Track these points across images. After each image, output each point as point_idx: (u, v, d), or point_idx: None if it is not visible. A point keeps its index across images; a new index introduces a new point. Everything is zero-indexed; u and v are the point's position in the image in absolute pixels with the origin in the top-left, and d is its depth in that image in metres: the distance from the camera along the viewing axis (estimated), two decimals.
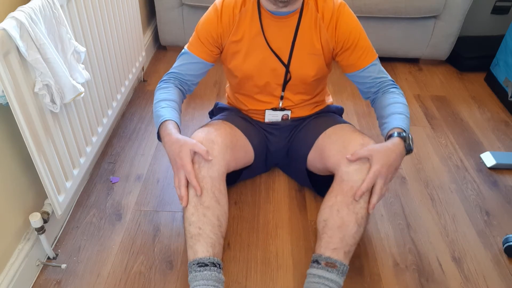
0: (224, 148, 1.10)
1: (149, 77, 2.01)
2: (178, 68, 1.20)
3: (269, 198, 1.38)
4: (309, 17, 1.11)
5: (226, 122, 1.22)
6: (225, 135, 1.13)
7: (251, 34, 1.13)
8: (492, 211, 1.37)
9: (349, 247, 1.01)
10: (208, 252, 0.99)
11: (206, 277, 0.96)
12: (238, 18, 1.12)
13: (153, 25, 2.24)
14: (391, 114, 1.09)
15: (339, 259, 0.99)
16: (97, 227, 1.26)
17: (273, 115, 1.29)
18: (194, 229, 1.01)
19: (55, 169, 1.05)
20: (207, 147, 1.06)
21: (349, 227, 1.00)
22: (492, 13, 2.32)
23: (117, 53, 1.48)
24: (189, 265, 0.99)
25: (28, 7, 0.87)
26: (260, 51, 1.15)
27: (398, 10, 1.95)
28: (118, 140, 1.60)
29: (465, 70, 2.20)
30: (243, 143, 1.23)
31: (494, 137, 1.72)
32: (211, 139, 1.08)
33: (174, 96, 1.14)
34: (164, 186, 1.40)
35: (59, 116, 1.06)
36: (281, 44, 1.14)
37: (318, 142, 1.22)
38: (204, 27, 1.16)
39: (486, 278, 1.16)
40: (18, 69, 0.86)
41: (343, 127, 1.20)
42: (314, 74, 1.18)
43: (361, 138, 1.10)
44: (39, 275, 1.12)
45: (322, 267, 0.99)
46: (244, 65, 1.17)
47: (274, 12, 1.10)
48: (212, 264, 0.97)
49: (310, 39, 1.13)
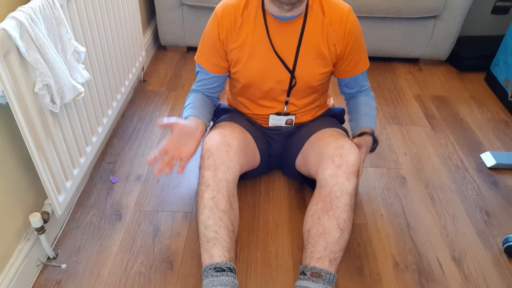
0: (239, 152, 1.10)
1: (149, 77, 2.01)
2: (197, 85, 1.25)
3: (269, 198, 1.38)
4: (314, 21, 1.10)
5: (237, 125, 1.21)
6: (239, 138, 1.13)
7: (254, 38, 1.12)
8: (492, 211, 1.37)
9: (334, 254, 0.98)
10: (225, 257, 0.97)
11: (223, 283, 0.94)
12: (240, 22, 1.11)
13: (153, 25, 2.24)
14: (365, 115, 1.25)
15: (324, 268, 0.96)
16: (97, 227, 1.26)
17: (277, 120, 1.28)
18: (210, 232, 0.99)
19: (55, 169, 1.05)
20: (223, 150, 1.07)
21: (332, 233, 0.99)
22: (492, 13, 2.32)
23: (117, 53, 1.48)
24: (205, 270, 0.97)
25: (28, 7, 0.87)
26: (264, 57, 1.13)
27: (398, 10, 1.95)
28: (118, 140, 1.60)
29: (465, 70, 2.20)
30: (253, 146, 1.23)
31: (494, 137, 1.72)
32: (227, 142, 1.09)
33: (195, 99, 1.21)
34: (164, 186, 1.40)
35: (59, 116, 1.06)
36: (286, 49, 1.13)
37: (303, 149, 1.23)
38: (207, 36, 1.16)
39: (486, 278, 1.16)
40: (18, 69, 0.86)
41: (325, 132, 1.20)
42: (320, 79, 1.18)
43: (335, 141, 1.10)
44: (39, 275, 1.12)
45: (307, 278, 0.97)
46: (247, 71, 1.16)
47: (278, 17, 1.09)
48: (229, 269, 0.96)
49: (316, 43, 1.12)
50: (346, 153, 1.06)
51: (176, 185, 1.41)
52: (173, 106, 1.80)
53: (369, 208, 1.36)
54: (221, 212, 1.01)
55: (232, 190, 1.05)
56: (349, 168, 1.04)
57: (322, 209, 1.02)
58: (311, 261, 0.98)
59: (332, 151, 1.07)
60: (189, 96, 1.24)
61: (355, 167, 1.05)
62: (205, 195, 1.03)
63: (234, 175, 1.07)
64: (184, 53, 2.23)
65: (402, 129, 1.74)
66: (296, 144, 1.26)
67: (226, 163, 1.06)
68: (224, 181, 1.04)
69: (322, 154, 1.09)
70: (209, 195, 1.02)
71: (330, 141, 1.11)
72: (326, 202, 1.02)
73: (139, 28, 1.72)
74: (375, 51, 2.14)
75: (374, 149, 1.25)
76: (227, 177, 1.04)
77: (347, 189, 1.02)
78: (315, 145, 1.17)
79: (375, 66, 2.21)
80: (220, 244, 0.98)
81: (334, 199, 1.02)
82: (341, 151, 1.06)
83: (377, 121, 1.78)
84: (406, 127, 1.76)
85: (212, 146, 1.07)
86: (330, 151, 1.08)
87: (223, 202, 1.02)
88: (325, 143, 1.12)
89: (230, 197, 1.04)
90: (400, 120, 1.79)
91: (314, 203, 1.05)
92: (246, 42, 1.12)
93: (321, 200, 1.03)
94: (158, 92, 1.90)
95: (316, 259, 0.98)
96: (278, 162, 1.41)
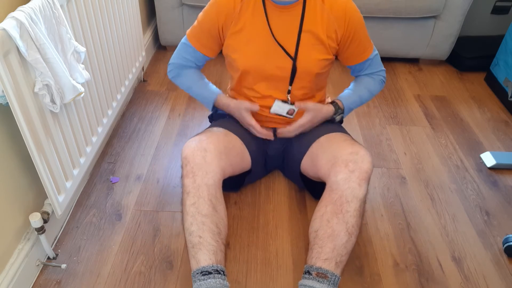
0: (218, 155, 1.10)
1: (149, 77, 2.01)
2: (178, 59, 1.28)
3: (269, 198, 1.38)
4: (313, 6, 1.10)
5: (220, 129, 1.22)
6: (218, 142, 1.13)
7: (254, 23, 1.12)
8: (492, 211, 1.37)
9: (341, 257, 0.99)
10: (210, 260, 0.97)
11: (211, 285, 0.94)
12: (239, 8, 1.11)
13: (153, 25, 2.24)
14: (350, 90, 1.28)
15: (330, 269, 0.97)
16: (97, 227, 1.26)
17: (281, 107, 1.26)
18: (194, 238, 1.00)
19: (55, 169, 1.05)
20: (199, 155, 1.07)
21: (340, 236, 1.00)
22: (492, 13, 2.32)
23: (117, 53, 1.48)
24: (193, 275, 0.98)
25: (28, 7, 0.87)
26: (263, 42, 1.13)
27: (398, 10, 1.95)
28: (118, 140, 1.60)
29: (465, 70, 2.20)
30: (239, 149, 1.22)
31: (494, 137, 1.72)
32: (203, 148, 1.09)
33: (197, 75, 1.29)
34: (164, 186, 1.40)
35: (59, 116, 1.06)
36: (285, 34, 1.12)
37: (311, 149, 1.22)
38: (204, 20, 1.16)
39: (486, 278, 1.16)
40: (18, 69, 0.86)
41: (336, 136, 1.19)
42: (320, 66, 1.17)
43: (351, 147, 1.10)
44: (39, 275, 1.12)
45: (313, 277, 0.97)
46: (246, 56, 1.15)
47: (277, 2, 1.09)
48: (216, 272, 0.96)
49: (315, 30, 1.12)
50: (361, 160, 1.06)
51: (176, 185, 1.41)
52: (173, 106, 1.80)
53: (369, 208, 1.36)
54: (204, 217, 1.01)
55: (215, 194, 1.05)
56: (362, 174, 1.04)
57: (332, 211, 1.02)
58: (317, 261, 0.99)
59: (347, 156, 1.07)
60: (187, 74, 1.28)
61: (368, 174, 1.05)
62: (187, 202, 1.03)
63: (215, 179, 1.06)
64: None
65: (402, 129, 1.74)
66: (303, 145, 1.25)
67: (204, 168, 1.06)
68: (203, 186, 1.04)
69: (336, 158, 1.09)
70: (190, 202, 1.03)
71: (345, 146, 1.11)
72: (336, 205, 1.02)
73: (139, 28, 1.72)
74: None
75: (333, 119, 1.27)
76: (206, 182, 1.04)
77: (358, 194, 1.03)
78: (326, 148, 1.16)
79: None
80: (205, 248, 0.99)
81: (345, 203, 1.02)
82: (355, 157, 1.07)
83: (377, 121, 1.78)
84: (406, 127, 1.76)
85: (188, 154, 1.08)
86: (345, 155, 1.08)
87: (205, 206, 1.02)
88: (339, 147, 1.12)
89: (213, 200, 1.04)
90: (400, 120, 1.79)
91: (323, 205, 1.05)
92: (245, 27, 1.12)
93: (331, 203, 1.03)
94: (158, 92, 1.90)
95: (323, 260, 0.98)
96: (278, 163, 1.41)
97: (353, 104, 1.27)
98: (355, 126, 1.74)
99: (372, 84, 1.27)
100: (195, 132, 1.66)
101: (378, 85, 1.29)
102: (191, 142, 1.12)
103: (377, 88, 1.29)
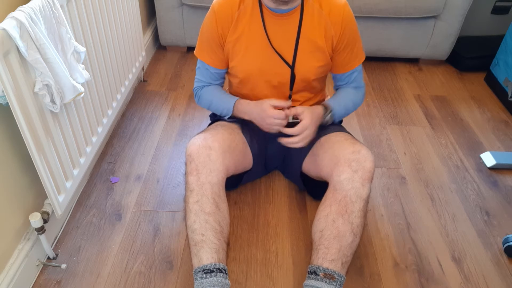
0: (222, 153, 1.09)
1: (149, 77, 2.01)
2: (196, 83, 1.28)
3: (269, 198, 1.38)
4: (311, 13, 1.10)
5: (224, 127, 1.21)
6: (223, 140, 1.13)
7: (251, 31, 1.12)
8: (492, 211, 1.37)
9: (346, 257, 1.00)
10: (213, 258, 0.97)
11: (212, 284, 0.94)
12: (237, 15, 1.11)
13: (153, 25, 2.24)
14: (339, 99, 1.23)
15: (337, 270, 0.98)
16: (97, 227, 1.26)
17: None
18: (197, 236, 1.00)
19: (55, 169, 1.05)
20: (204, 153, 1.06)
21: (345, 237, 1.00)
22: (492, 13, 2.32)
23: (117, 53, 1.48)
24: (195, 273, 0.98)
25: (28, 7, 0.87)
26: (261, 50, 1.13)
27: (398, 10, 1.95)
28: (118, 140, 1.60)
29: (465, 70, 2.20)
30: (242, 147, 1.22)
31: (494, 137, 1.72)
32: (208, 145, 1.08)
33: (216, 90, 1.25)
34: (164, 186, 1.40)
35: (59, 116, 1.06)
36: (283, 42, 1.13)
37: (312, 150, 1.22)
38: (206, 31, 1.16)
39: (486, 278, 1.16)
40: (18, 69, 0.86)
41: (337, 135, 1.19)
42: (317, 73, 1.17)
43: (352, 146, 1.10)
44: (39, 275, 1.12)
45: (320, 278, 0.97)
46: (244, 64, 1.16)
47: (274, 10, 1.09)
48: (218, 270, 0.96)
49: (313, 37, 1.12)
50: (363, 159, 1.06)
51: (176, 185, 1.41)
52: (173, 106, 1.80)
53: (369, 208, 1.36)
54: (207, 215, 1.01)
55: (218, 192, 1.05)
56: (365, 174, 1.04)
57: (337, 212, 1.02)
58: (324, 262, 0.99)
59: (349, 155, 1.07)
60: (205, 92, 1.25)
61: (371, 173, 1.05)
62: (190, 200, 1.03)
63: (219, 177, 1.06)
64: (184, 53, 2.23)
65: (402, 129, 1.74)
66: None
67: (208, 166, 1.06)
68: (207, 184, 1.04)
69: (338, 157, 1.09)
70: (194, 199, 1.03)
71: (347, 145, 1.11)
72: (341, 205, 1.03)
73: (139, 28, 1.72)
74: (375, 51, 2.14)
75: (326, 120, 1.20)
76: (210, 180, 1.04)
77: (362, 194, 1.03)
78: (327, 147, 1.16)
79: (375, 66, 2.21)
80: (208, 246, 0.98)
81: (349, 203, 1.02)
82: (358, 156, 1.07)
83: (377, 121, 1.78)
84: (406, 127, 1.76)
85: (193, 152, 1.08)
86: (347, 155, 1.08)
87: (208, 204, 1.02)
88: (340, 147, 1.12)
89: (216, 198, 1.04)
90: (400, 120, 1.79)
91: (327, 205, 1.05)
92: (242, 34, 1.12)
93: (335, 203, 1.04)
94: (158, 92, 1.90)
95: (330, 261, 0.98)
96: (279, 164, 1.41)
97: (338, 103, 1.21)
98: (355, 126, 1.74)
99: (353, 93, 1.25)
100: (195, 132, 1.66)
101: (360, 96, 1.26)
102: (196, 140, 1.11)
103: (359, 98, 1.26)
